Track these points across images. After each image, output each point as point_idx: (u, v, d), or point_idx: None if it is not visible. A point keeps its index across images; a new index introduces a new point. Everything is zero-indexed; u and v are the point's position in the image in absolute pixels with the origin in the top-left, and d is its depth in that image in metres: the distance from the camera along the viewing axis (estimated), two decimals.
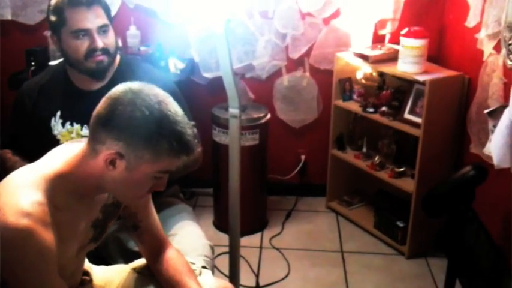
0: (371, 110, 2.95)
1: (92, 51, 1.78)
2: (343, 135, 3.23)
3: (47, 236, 1.13)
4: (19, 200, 1.12)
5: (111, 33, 1.83)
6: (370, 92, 3.02)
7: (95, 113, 1.20)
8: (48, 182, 1.18)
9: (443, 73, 2.73)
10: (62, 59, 1.98)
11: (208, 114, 3.01)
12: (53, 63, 2.77)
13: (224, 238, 2.83)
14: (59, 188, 1.19)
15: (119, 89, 1.20)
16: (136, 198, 1.33)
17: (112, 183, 1.21)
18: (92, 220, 1.34)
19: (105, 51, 1.80)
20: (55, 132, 1.88)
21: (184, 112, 1.25)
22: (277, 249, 2.99)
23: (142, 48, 3.10)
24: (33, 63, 2.94)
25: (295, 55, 3.19)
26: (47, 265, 1.15)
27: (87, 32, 1.77)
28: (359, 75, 3.06)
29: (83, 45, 1.78)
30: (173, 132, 1.17)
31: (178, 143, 1.18)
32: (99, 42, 1.78)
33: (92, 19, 1.76)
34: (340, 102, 3.11)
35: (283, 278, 2.74)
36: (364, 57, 2.90)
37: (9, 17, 3.21)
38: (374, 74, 3.03)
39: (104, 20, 1.79)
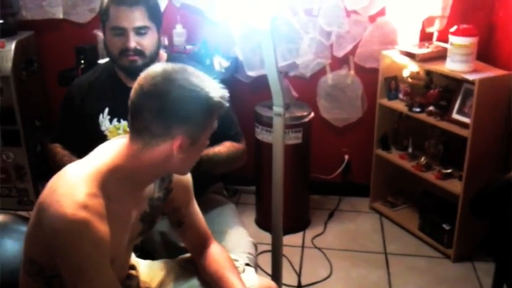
0: (417, 109, 2.89)
1: (124, 50, 1.81)
2: (388, 134, 3.17)
3: (103, 227, 1.16)
4: (76, 193, 1.14)
5: (150, 36, 1.83)
6: (416, 91, 2.96)
7: (139, 111, 1.20)
8: (102, 175, 1.20)
9: (492, 72, 2.66)
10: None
11: (251, 113, 3.02)
12: (101, 61, 2.84)
13: (266, 236, 2.84)
14: (113, 181, 1.21)
15: (150, 81, 1.20)
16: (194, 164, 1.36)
17: (178, 163, 1.25)
18: (141, 213, 1.36)
19: (138, 52, 1.81)
20: (103, 128, 1.92)
21: (227, 112, 1.29)
22: (319, 249, 2.97)
23: (188, 47, 3.14)
24: (82, 61, 3.02)
25: (340, 53, 3.15)
26: (102, 256, 1.17)
27: (123, 31, 1.79)
28: (405, 74, 3.00)
29: (118, 43, 1.81)
30: (216, 93, 1.22)
31: (221, 100, 1.24)
32: (132, 43, 1.79)
33: (131, 19, 1.78)
34: (385, 101, 3.06)
35: (325, 278, 2.72)
36: (411, 56, 2.85)
37: (60, 16, 3.31)
38: (421, 72, 2.96)
39: (143, 22, 1.80)
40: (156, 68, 1.23)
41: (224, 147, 1.90)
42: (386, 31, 3.07)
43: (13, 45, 3.14)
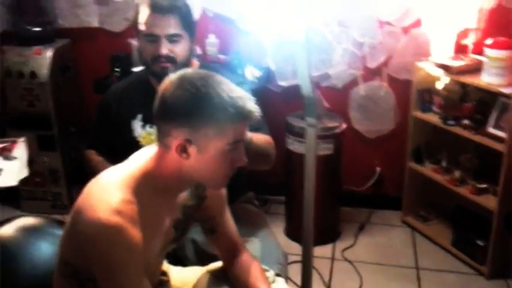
0: (452, 122, 2.84)
1: (157, 56, 1.83)
2: (421, 147, 3.13)
3: (135, 233, 1.16)
4: (110, 198, 1.16)
5: (182, 44, 1.85)
6: (451, 104, 2.91)
7: (154, 111, 1.24)
8: (136, 181, 1.21)
9: None
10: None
11: (282, 123, 3.02)
12: (136, 69, 2.88)
13: (295, 247, 2.84)
14: (146, 187, 1.22)
15: (165, 81, 1.24)
16: (224, 178, 1.29)
17: (193, 171, 1.23)
18: (174, 220, 1.37)
19: (170, 59, 1.83)
20: (135, 134, 1.94)
21: (258, 122, 1.27)
22: (350, 261, 2.94)
23: (221, 57, 3.16)
24: (117, 69, 3.07)
25: (372, 64, 3.13)
26: (134, 262, 1.17)
27: (155, 38, 1.82)
28: (439, 86, 2.95)
29: (151, 49, 1.84)
30: (225, 100, 1.18)
31: (235, 108, 1.19)
32: (164, 50, 1.82)
33: (163, 26, 1.81)
34: (418, 114, 3.02)
35: None
36: (445, 68, 2.81)
37: (96, 24, 3.37)
38: (455, 85, 2.91)
39: (176, 30, 1.82)
40: (176, 73, 1.25)
41: (253, 135, 1.76)
42: (420, 42, 3.04)
43: (50, 53, 3.21)
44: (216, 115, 1.18)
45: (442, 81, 2.93)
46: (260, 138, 1.81)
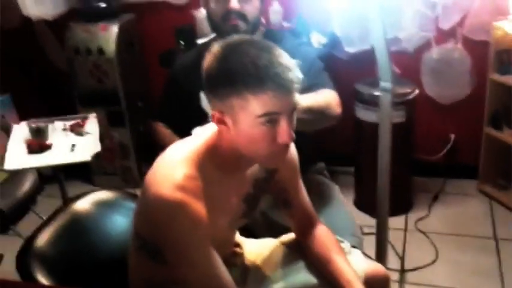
0: None
1: (227, 13, 1.77)
2: (499, 112, 2.95)
3: (199, 208, 1.15)
4: (174, 174, 1.15)
5: (253, 2, 1.78)
6: None
7: None
8: (200, 156, 1.20)
9: None
10: (210, 37, 2.00)
11: (350, 90, 2.92)
12: (200, 41, 2.86)
13: (365, 218, 2.77)
14: (210, 162, 1.21)
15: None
16: (270, 156, 1.18)
17: (239, 145, 1.18)
18: (244, 195, 1.35)
19: (241, 16, 1.77)
20: (203, 105, 1.91)
21: (328, 85, 1.21)
22: (424, 232, 2.84)
23: (285, 24, 3.08)
24: (182, 42, 3.05)
25: (446, 25, 2.95)
26: (198, 235, 1.17)
27: None
28: None
29: (220, 6, 1.78)
30: (247, 67, 1.09)
31: (255, 77, 1.08)
32: (235, 4, 1.75)
33: None
34: (497, 76, 2.84)
35: (430, 263, 2.60)
36: None
37: None
38: None
39: None
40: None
41: (308, 96, 1.61)
42: (498, 0, 2.83)
43: (116, 28, 3.24)
44: (236, 84, 1.10)
45: None
46: (317, 99, 1.67)
